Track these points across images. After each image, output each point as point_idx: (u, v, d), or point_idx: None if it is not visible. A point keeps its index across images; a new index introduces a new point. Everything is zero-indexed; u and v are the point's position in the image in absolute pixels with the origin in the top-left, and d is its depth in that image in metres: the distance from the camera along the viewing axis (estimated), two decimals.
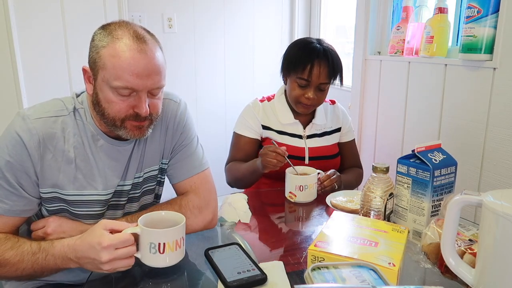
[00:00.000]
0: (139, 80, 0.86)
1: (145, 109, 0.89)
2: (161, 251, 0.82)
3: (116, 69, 0.85)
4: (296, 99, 1.42)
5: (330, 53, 1.39)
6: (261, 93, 1.62)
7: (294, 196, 1.24)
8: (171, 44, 2.60)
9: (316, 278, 0.65)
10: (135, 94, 0.88)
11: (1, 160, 0.88)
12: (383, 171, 0.98)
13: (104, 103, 0.89)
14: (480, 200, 0.67)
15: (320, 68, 1.37)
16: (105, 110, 0.89)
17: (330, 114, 1.56)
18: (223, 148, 1.54)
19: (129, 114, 0.90)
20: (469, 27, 1.32)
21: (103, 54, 0.86)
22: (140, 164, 1.03)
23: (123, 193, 1.02)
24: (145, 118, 0.91)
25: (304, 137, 1.49)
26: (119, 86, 0.86)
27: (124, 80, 0.85)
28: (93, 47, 0.89)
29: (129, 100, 0.89)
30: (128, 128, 0.91)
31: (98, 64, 0.87)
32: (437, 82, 1.56)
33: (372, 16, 2.00)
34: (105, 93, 0.88)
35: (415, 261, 0.88)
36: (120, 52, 0.85)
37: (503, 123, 1.29)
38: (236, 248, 0.90)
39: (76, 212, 0.96)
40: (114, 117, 0.90)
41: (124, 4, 2.16)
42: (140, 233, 0.82)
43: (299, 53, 1.40)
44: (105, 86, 0.87)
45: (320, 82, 1.38)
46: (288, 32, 2.90)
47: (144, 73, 0.86)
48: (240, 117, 1.52)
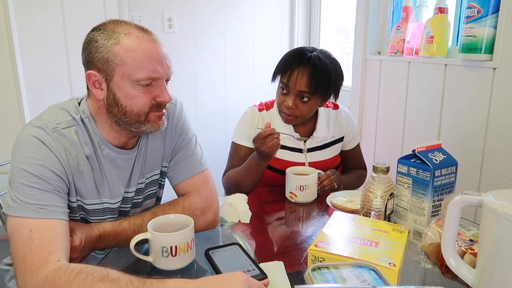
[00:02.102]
0: (160, 67, 0.88)
1: (169, 96, 0.91)
2: (174, 254, 0.83)
3: (137, 61, 0.85)
4: (279, 106, 1.38)
5: (317, 62, 1.30)
6: (261, 93, 1.62)
7: (294, 196, 1.24)
8: (171, 44, 2.60)
9: (317, 278, 0.65)
10: (155, 83, 0.89)
11: (35, 167, 0.81)
12: (384, 171, 0.98)
13: (126, 100, 0.88)
14: (481, 200, 0.67)
15: (298, 75, 1.29)
16: (128, 108, 0.89)
17: (333, 122, 1.47)
18: (223, 148, 1.53)
19: (152, 106, 0.90)
20: (469, 27, 1.32)
21: (118, 51, 0.85)
22: (143, 170, 1.03)
23: (128, 199, 1.02)
24: (165, 106, 0.93)
25: (305, 151, 1.43)
26: (142, 77, 0.86)
27: (147, 70, 0.86)
28: (99, 48, 0.86)
29: (150, 91, 0.89)
30: (151, 120, 0.92)
31: (113, 62, 0.86)
32: (437, 82, 1.56)
33: (372, 16, 2.00)
34: (126, 90, 0.87)
35: (416, 261, 0.88)
36: (136, 45, 0.86)
37: (503, 123, 1.29)
38: (236, 248, 0.90)
39: (92, 221, 0.96)
40: (139, 112, 0.89)
41: (124, 4, 2.17)
42: (151, 238, 0.84)
43: (287, 57, 1.35)
44: (125, 83, 0.87)
45: (298, 89, 1.30)
46: (288, 32, 2.90)
47: (163, 60, 0.89)
48: (239, 126, 1.44)
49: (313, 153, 1.44)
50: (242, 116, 1.47)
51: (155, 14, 2.54)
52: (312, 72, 1.29)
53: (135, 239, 0.85)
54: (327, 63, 1.32)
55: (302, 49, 1.37)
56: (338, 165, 1.50)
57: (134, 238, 0.85)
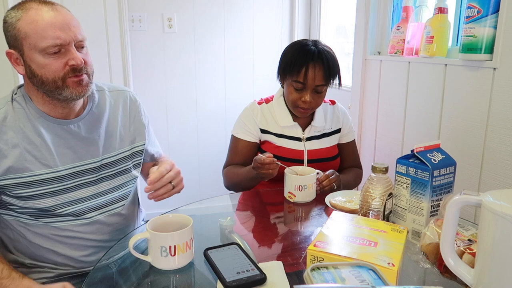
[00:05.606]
0: (62, 33, 0.93)
1: (79, 59, 0.96)
2: (172, 254, 0.83)
3: (39, 31, 0.92)
4: (294, 103, 1.41)
5: (325, 55, 1.37)
6: (261, 93, 1.62)
7: (293, 196, 1.24)
8: (171, 44, 2.60)
9: (316, 278, 0.65)
10: (64, 50, 0.95)
11: None
12: (382, 171, 0.98)
13: (39, 70, 0.95)
14: (479, 200, 0.67)
15: (315, 71, 1.35)
16: (44, 76, 0.95)
17: (330, 115, 1.54)
18: (223, 148, 1.53)
19: (66, 71, 0.96)
20: (469, 27, 1.32)
21: (21, 26, 0.93)
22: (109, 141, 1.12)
23: (109, 164, 1.11)
24: (81, 70, 0.97)
25: (303, 140, 1.48)
26: (47, 45, 0.92)
27: (50, 37, 0.92)
28: (8, 27, 0.95)
29: (60, 57, 0.95)
30: (70, 86, 0.97)
31: (19, 36, 0.93)
32: (437, 82, 1.56)
33: (372, 16, 2.00)
34: (37, 60, 0.94)
35: (414, 261, 0.88)
36: (36, 16, 0.92)
37: (503, 123, 1.29)
38: (235, 248, 0.90)
39: (39, 193, 1.00)
40: (54, 78, 0.95)
41: (124, 4, 2.17)
42: (150, 238, 0.84)
43: (294, 56, 1.38)
44: (34, 53, 0.93)
45: (316, 84, 1.37)
46: (288, 32, 2.90)
47: (65, 26, 0.94)
48: (239, 120, 1.50)
49: (312, 142, 1.49)
50: (242, 111, 1.52)
51: (155, 14, 2.54)
52: (325, 64, 1.36)
53: (134, 239, 0.85)
54: (329, 51, 1.41)
55: (303, 44, 1.41)
56: (336, 156, 1.53)
57: (133, 237, 0.85)
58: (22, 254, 1.07)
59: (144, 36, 2.55)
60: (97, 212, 1.09)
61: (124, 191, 1.15)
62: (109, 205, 1.11)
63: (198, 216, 1.14)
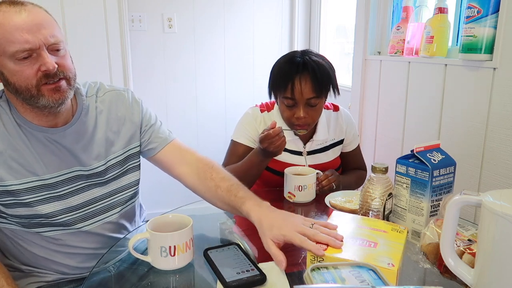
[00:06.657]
0: (31, 35, 0.84)
1: (51, 63, 0.86)
2: (172, 254, 0.83)
3: (5, 36, 0.84)
4: (288, 121, 1.34)
5: (311, 65, 1.27)
6: (261, 93, 1.61)
7: (293, 196, 1.24)
8: (171, 44, 2.60)
9: (316, 279, 0.65)
10: (36, 55, 0.86)
11: None
12: (382, 171, 0.98)
13: (12, 77, 0.87)
14: (479, 200, 0.67)
15: (301, 84, 1.26)
16: (16, 84, 0.88)
17: (333, 124, 1.46)
18: (222, 148, 1.52)
19: (39, 78, 0.87)
20: (469, 27, 1.32)
21: None
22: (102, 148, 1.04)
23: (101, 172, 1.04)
24: (55, 75, 0.88)
25: (304, 154, 1.43)
26: (15, 50, 0.84)
27: (17, 41, 0.83)
28: None
29: (32, 63, 0.86)
30: (46, 94, 0.89)
31: None
32: (437, 82, 1.56)
33: (372, 16, 2.00)
34: (8, 66, 0.87)
35: (414, 261, 0.88)
36: (3, 19, 0.84)
37: (503, 123, 1.29)
38: (235, 248, 0.90)
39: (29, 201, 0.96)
40: (26, 86, 0.87)
41: (124, 4, 2.16)
42: (150, 238, 0.84)
43: (280, 70, 1.31)
44: (4, 59, 0.86)
45: (306, 98, 1.28)
46: (288, 32, 2.90)
47: (34, 28, 0.85)
48: (240, 125, 1.43)
49: (313, 156, 1.44)
50: (243, 116, 1.46)
51: (155, 14, 2.54)
52: (313, 75, 1.27)
53: (134, 239, 0.85)
54: (319, 61, 1.31)
55: (290, 57, 1.33)
56: (338, 168, 1.50)
57: (133, 237, 0.85)
58: (18, 260, 1.04)
59: (144, 36, 2.55)
60: (90, 221, 1.04)
61: (118, 198, 1.09)
62: (102, 213, 1.06)
63: (198, 216, 1.14)
